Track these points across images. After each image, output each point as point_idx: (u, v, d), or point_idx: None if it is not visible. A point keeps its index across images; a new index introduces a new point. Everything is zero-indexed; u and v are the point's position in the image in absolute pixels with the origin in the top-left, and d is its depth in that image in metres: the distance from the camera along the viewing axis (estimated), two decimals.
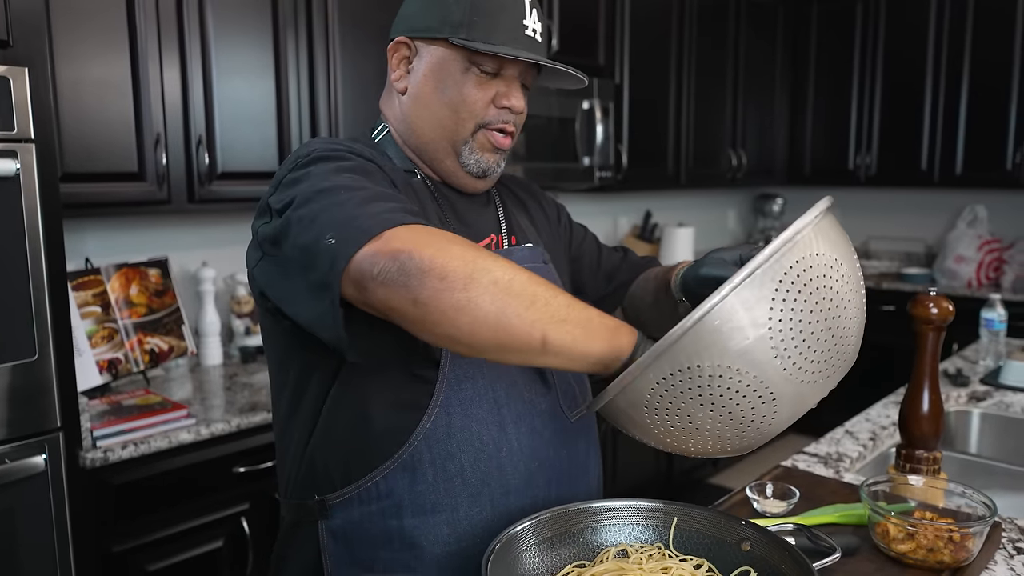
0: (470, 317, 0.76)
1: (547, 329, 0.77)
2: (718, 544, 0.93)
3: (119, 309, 2.07)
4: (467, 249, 0.78)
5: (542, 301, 0.77)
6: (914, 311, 1.33)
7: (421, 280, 0.75)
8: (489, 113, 1.03)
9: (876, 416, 1.87)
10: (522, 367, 1.02)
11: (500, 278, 0.76)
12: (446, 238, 0.79)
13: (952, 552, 1.08)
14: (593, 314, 0.81)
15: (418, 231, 0.79)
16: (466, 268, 0.76)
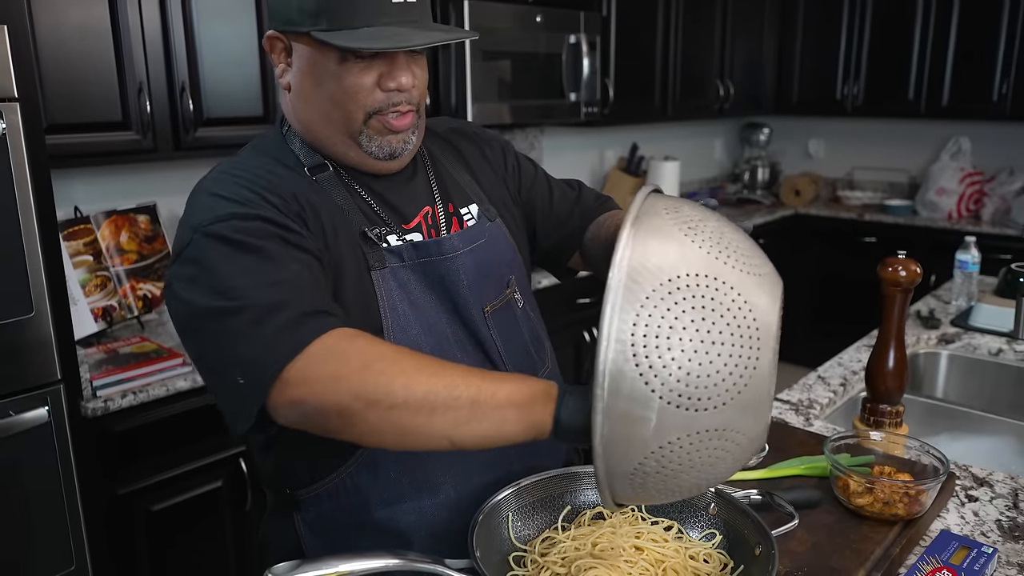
0: (378, 440, 0.80)
1: (452, 435, 0.77)
2: (687, 507, 1.00)
3: (110, 257, 2.10)
4: (360, 375, 0.77)
5: (441, 408, 0.76)
6: (882, 273, 1.38)
7: (325, 419, 0.79)
8: (376, 98, 0.96)
9: (848, 361, 1.94)
10: (468, 353, 1.05)
11: (396, 400, 0.76)
12: (340, 365, 0.78)
13: (906, 505, 1.16)
14: (502, 398, 0.76)
15: (312, 363, 0.79)
16: (359, 402, 0.77)
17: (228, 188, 0.93)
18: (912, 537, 1.15)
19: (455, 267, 1.04)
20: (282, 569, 0.79)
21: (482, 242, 1.08)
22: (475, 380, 0.77)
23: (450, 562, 0.84)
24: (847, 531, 1.15)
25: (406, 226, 1.04)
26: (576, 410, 0.75)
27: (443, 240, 1.04)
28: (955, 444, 1.73)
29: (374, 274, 0.98)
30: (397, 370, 0.78)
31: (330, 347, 0.80)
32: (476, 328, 1.05)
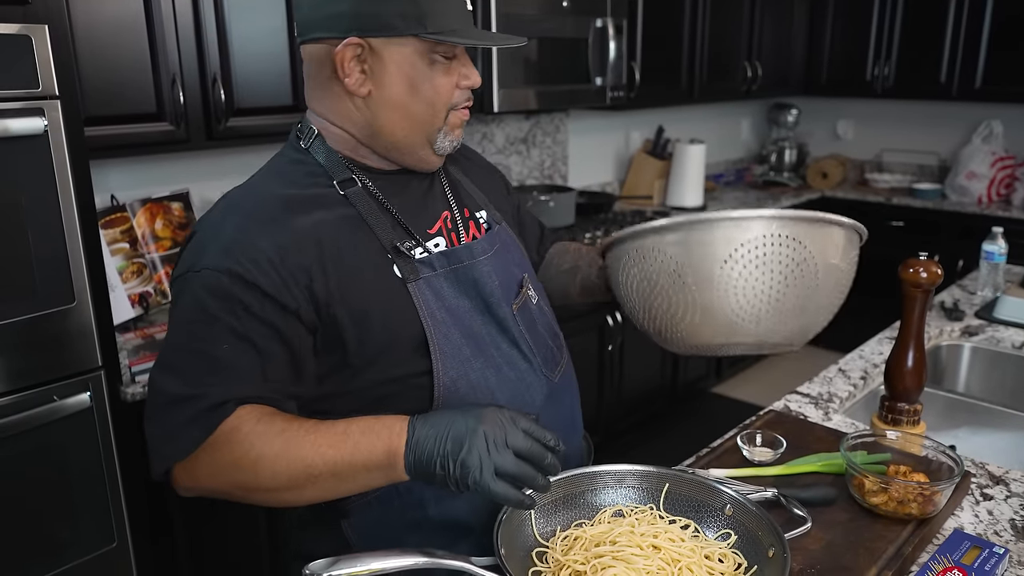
0: (257, 503, 0.98)
1: (327, 497, 0.96)
2: (704, 507, 1.04)
3: (146, 244, 2.16)
4: (232, 471, 0.91)
5: (309, 484, 0.91)
6: (903, 274, 1.39)
7: (210, 495, 0.95)
8: (456, 96, 1.04)
9: (870, 353, 1.96)
10: (503, 351, 1.09)
11: (268, 486, 0.92)
12: (217, 464, 0.91)
13: (920, 505, 1.19)
14: (358, 464, 0.91)
15: (196, 464, 0.92)
16: (240, 490, 0.93)
17: (240, 232, 0.95)
18: (925, 536, 1.18)
19: (487, 270, 1.08)
20: (319, 566, 0.84)
21: (499, 246, 1.14)
22: (330, 454, 0.90)
23: (475, 560, 0.88)
24: (861, 529, 1.18)
25: (430, 231, 1.08)
26: (422, 462, 0.89)
27: (473, 245, 1.09)
28: (974, 439, 1.74)
29: (410, 286, 1.01)
30: (263, 462, 0.90)
31: (201, 454, 0.91)
32: (507, 327, 1.09)
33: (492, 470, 0.85)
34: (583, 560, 0.93)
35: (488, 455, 0.86)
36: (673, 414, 3.59)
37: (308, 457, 0.90)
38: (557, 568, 0.95)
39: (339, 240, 0.99)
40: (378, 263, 1.01)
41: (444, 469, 0.87)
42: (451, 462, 0.86)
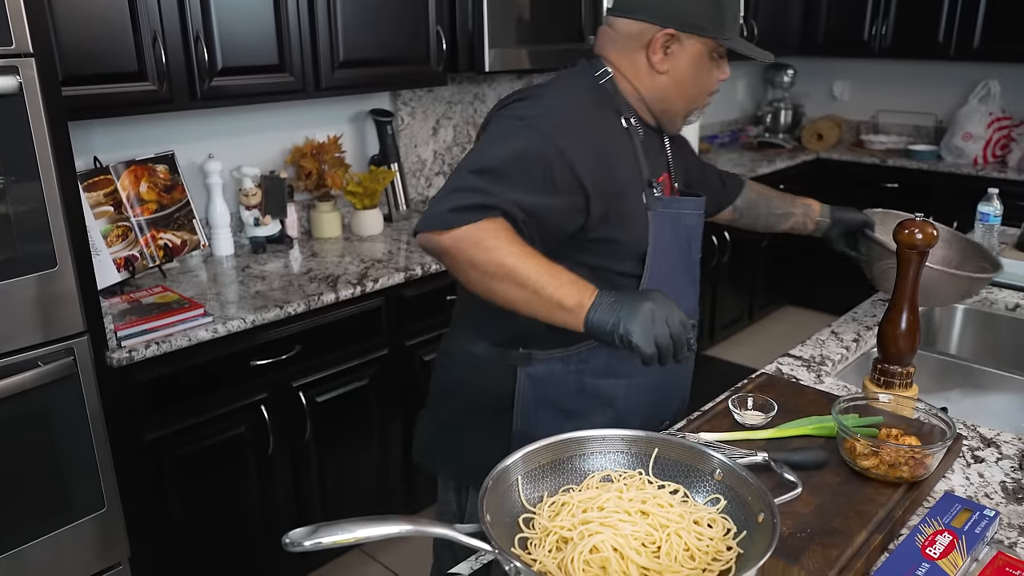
0: (465, 279, 1.16)
1: (517, 305, 1.13)
2: (693, 472, 1.03)
3: (131, 207, 2.12)
4: (466, 245, 1.12)
5: (516, 285, 1.11)
6: (898, 236, 1.37)
7: (438, 255, 1.17)
8: (715, 86, 1.35)
9: (863, 315, 1.94)
10: (684, 283, 1.41)
11: (479, 262, 1.12)
12: (460, 237, 1.12)
13: (911, 468, 1.18)
14: (555, 297, 1.10)
15: (445, 231, 1.13)
16: (458, 255, 1.13)
17: (571, 120, 1.23)
18: (916, 499, 1.18)
19: (696, 222, 1.41)
20: (299, 534, 0.83)
21: (701, 210, 1.45)
22: (545, 277, 1.10)
23: (460, 527, 0.87)
24: (851, 492, 1.17)
25: (657, 180, 1.36)
26: (599, 320, 1.09)
27: (699, 200, 1.42)
28: (966, 401, 1.74)
29: (650, 213, 1.31)
30: (497, 252, 1.10)
31: (475, 227, 1.12)
32: (694, 271, 1.44)
33: (651, 338, 1.06)
34: (570, 526, 0.92)
35: (651, 325, 1.06)
36: None
37: (528, 268, 1.10)
38: (544, 534, 0.94)
39: (620, 158, 1.29)
40: (637, 187, 1.30)
41: (614, 327, 1.07)
42: (621, 323, 1.07)
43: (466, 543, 0.86)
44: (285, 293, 2.13)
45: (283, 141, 2.67)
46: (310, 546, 0.84)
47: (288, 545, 0.84)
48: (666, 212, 1.33)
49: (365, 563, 2.50)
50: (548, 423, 1.33)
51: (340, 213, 2.70)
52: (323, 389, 2.22)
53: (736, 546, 0.93)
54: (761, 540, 0.90)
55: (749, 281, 4.04)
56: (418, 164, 3.11)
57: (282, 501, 2.19)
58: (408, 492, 2.57)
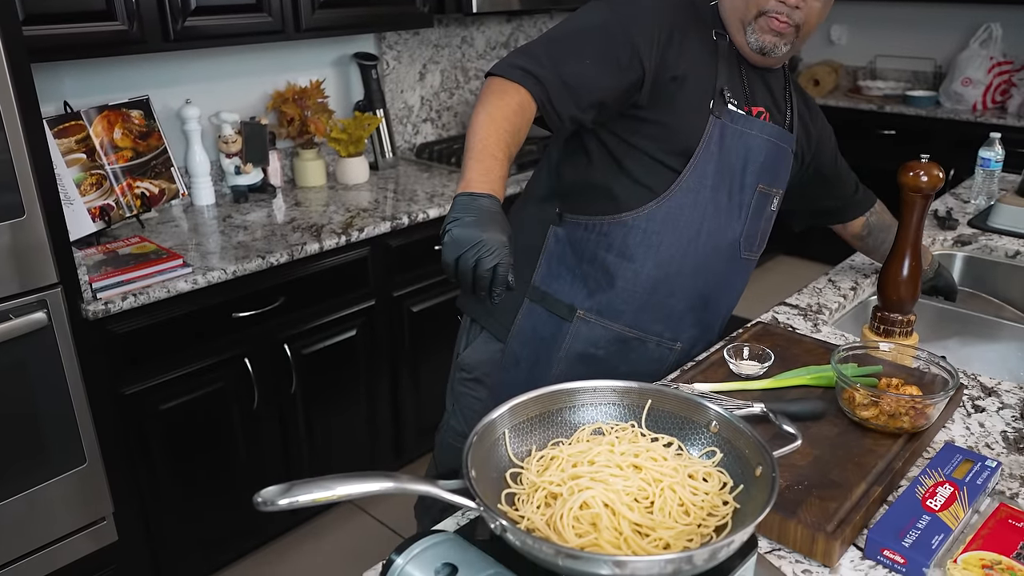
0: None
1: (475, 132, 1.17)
2: (688, 424, 0.98)
3: (105, 154, 2.04)
4: (486, 92, 1.21)
5: (471, 126, 1.18)
6: (902, 178, 1.32)
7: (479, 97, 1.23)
8: (769, 4, 1.27)
9: (860, 263, 1.90)
10: (726, 204, 1.35)
11: (478, 106, 1.20)
12: (488, 84, 1.23)
13: (912, 419, 1.15)
14: (470, 156, 1.14)
15: (495, 83, 1.22)
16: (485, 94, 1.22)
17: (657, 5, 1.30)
18: (916, 449, 1.15)
19: (760, 145, 1.35)
20: (272, 493, 0.79)
21: (784, 147, 1.39)
22: (476, 149, 1.14)
23: (443, 483, 0.83)
24: (850, 444, 1.14)
25: (746, 108, 1.34)
26: (454, 206, 1.10)
27: (766, 125, 1.36)
28: (964, 349, 1.70)
29: (711, 118, 1.30)
30: (488, 112, 1.18)
31: (496, 90, 1.21)
32: (743, 198, 1.36)
33: (453, 257, 1.03)
34: (559, 481, 0.88)
35: (460, 248, 1.02)
36: None
37: (479, 134, 1.15)
38: (532, 490, 0.90)
39: (693, 55, 1.30)
40: (704, 88, 1.31)
41: (449, 222, 1.05)
42: (452, 225, 1.05)
43: (449, 500, 0.82)
44: (268, 243, 2.07)
45: (264, 86, 2.57)
46: (285, 505, 0.79)
47: (261, 504, 0.79)
48: (730, 125, 1.32)
49: (356, 516, 2.48)
50: (562, 282, 1.40)
51: (324, 161, 2.62)
52: (309, 341, 2.17)
53: (733, 501, 0.89)
54: (759, 495, 0.86)
55: None
56: (404, 110, 3.02)
57: (269, 456, 2.16)
58: (397, 445, 2.55)
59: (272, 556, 2.31)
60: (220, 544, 2.14)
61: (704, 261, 1.36)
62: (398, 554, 0.86)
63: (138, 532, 1.91)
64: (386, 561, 0.86)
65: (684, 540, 0.84)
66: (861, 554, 0.98)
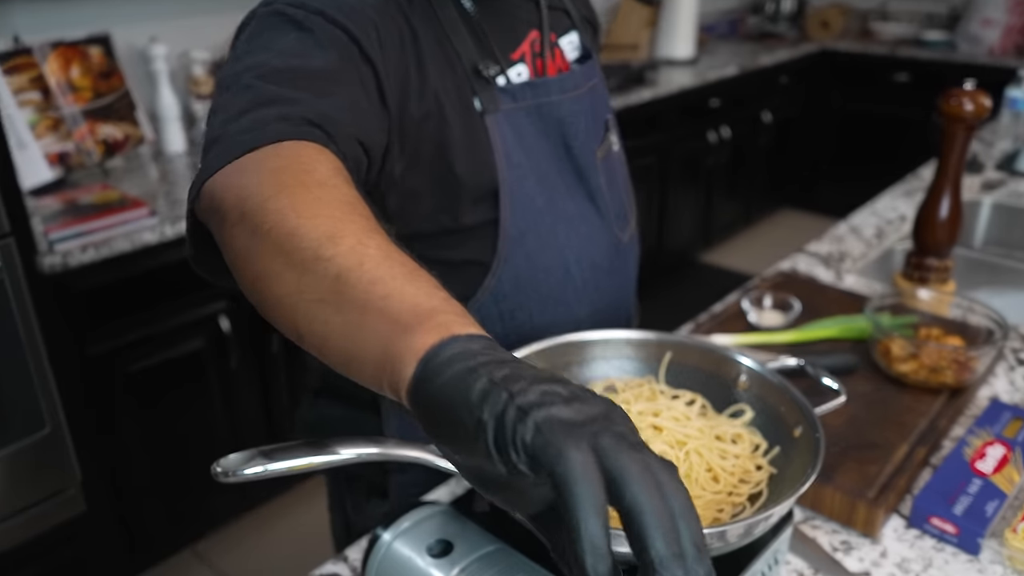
0: (233, 266, 0.60)
1: (296, 311, 0.53)
2: (713, 380, 0.86)
3: (62, 95, 1.88)
4: (262, 187, 0.57)
5: (300, 263, 0.52)
6: (944, 107, 1.18)
7: (209, 217, 0.61)
8: None
9: (883, 209, 1.76)
10: (578, 204, 0.95)
11: (264, 223, 0.55)
12: (258, 173, 0.59)
13: (955, 373, 1.02)
14: (391, 296, 0.48)
15: (241, 166, 0.61)
16: (235, 212, 0.57)
17: None
18: (958, 407, 1.02)
19: (575, 109, 0.93)
20: (234, 462, 0.65)
21: (595, 81, 0.98)
22: (373, 253, 0.51)
23: (435, 448, 0.70)
24: (887, 401, 1.02)
25: (512, 55, 0.89)
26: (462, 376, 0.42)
27: (565, 78, 0.93)
28: (995, 300, 1.58)
29: (488, 119, 0.85)
30: (299, 199, 0.55)
31: (265, 154, 0.62)
32: (588, 176, 0.96)
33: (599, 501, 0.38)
34: None
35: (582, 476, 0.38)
36: (660, 283, 3.44)
37: (351, 231, 0.53)
38: None
39: (420, 43, 0.81)
40: (461, 81, 0.83)
41: (504, 411, 0.38)
42: (531, 422, 0.38)
43: (442, 467, 0.69)
44: None
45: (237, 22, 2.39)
46: (251, 475, 0.66)
47: (220, 475, 0.66)
48: (518, 109, 0.87)
49: None
50: None
51: None
52: None
53: (767, 465, 0.77)
54: (798, 459, 0.74)
55: (747, 182, 3.84)
56: None
57: (251, 419, 2.04)
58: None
59: (255, 524, 2.20)
60: (197, 514, 2.03)
61: (587, 285, 0.97)
62: (384, 528, 0.74)
63: (108, 502, 1.79)
64: (372, 536, 0.74)
65: (714, 510, 0.72)
66: (906, 523, 0.87)
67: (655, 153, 3.16)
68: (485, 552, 0.70)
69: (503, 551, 0.70)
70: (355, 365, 0.49)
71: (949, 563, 0.81)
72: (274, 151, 0.61)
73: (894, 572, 0.80)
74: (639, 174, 3.10)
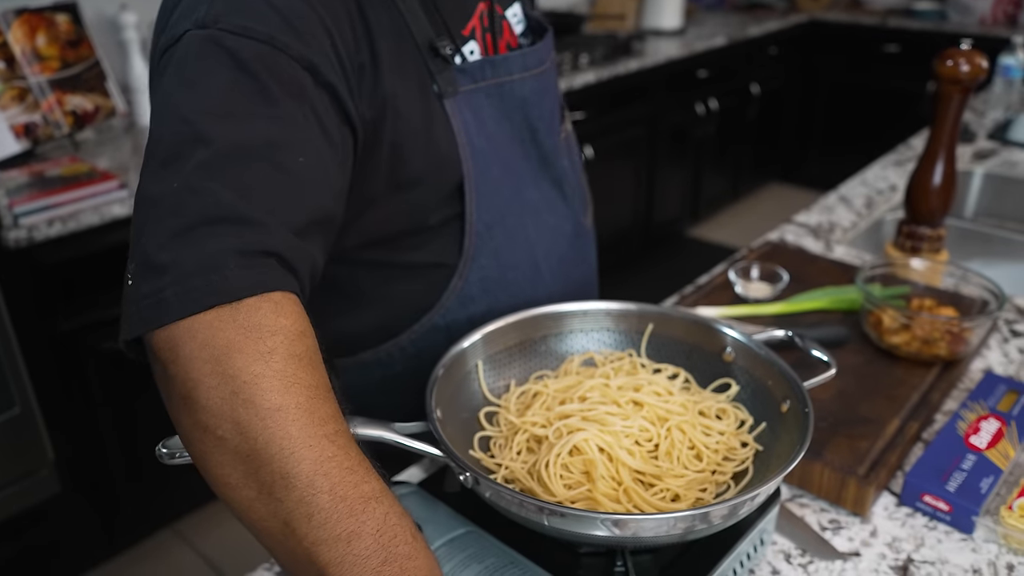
0: (204, 471, 0.55)
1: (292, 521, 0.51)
2: (697, 353, 0.82)
3: (27, 64, 1.81)
4: (227, 372, 0.51)
5: (288, 486, 0.50)
6: (939, 69, 1.13)
7: (170, 400, 0.55)
8: None
9: (873, 179, 1.73)
10: (544, 192, 0.89)
11: (257, 447, 0.51)
12: (213, 353, 0.52)
13: (949, 344, 0.99)
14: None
15: (180, 337, 0.53)
16: (222, 421, 0.51)
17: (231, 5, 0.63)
18: (951, 380, 0.99)
19: (537, 87, 0.86)
20: (177, 443, 0.62)
21: (553, 55, 0.92)
22: (323, 503, 0.50)
23: (400, 426, 0.66)
24: (878, 374, 0.99)
25: (463, 31, 0.80)
26: None
27: (527, 55, 0.84)
28: (988, 271, 1.54)
29: (447, 103, 0.77)
30: (255, 408, 0.51)
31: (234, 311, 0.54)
32: (551, 161, 0.90)
33: None
34: (544, 422, 0.72)
35: None
36: (647, 257, 3.40)
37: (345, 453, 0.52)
38: (511, 432, 0.73)
39: (373, 32, 0.71)
40: (416, 63, 0.74)
41: None
42: None
43: (406, 446, 0.65)
44: None
45: None
46: None
47: (165, 456, 0.62)
48: (477, 90, 0.80)
49: None
50: None
51: None
52: None
53: (753, 442, 0.73)
54: (786, 435, 0.71)
55: (735, 155, 3.79)
56: None
57: None
58: None
59: None
60: (176, 493, 1.99)
61: (555, 279, 0.92)
62: None
63: (83, 483, 1.75)
64: None
65: (696, 490, 0.69)
66: (897, 500, 0.84)
67: (642, 125, 3.11)
68: (455, 535, 0.67)
69: (473, 534, 0.67)
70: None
71: (942, 542, 0.78)
72: (231, 315, 0.53)
73: (884, 552, 0.77)
74: (626, 146, 3.05)
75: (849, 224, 1.50)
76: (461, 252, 0.82)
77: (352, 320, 0.85)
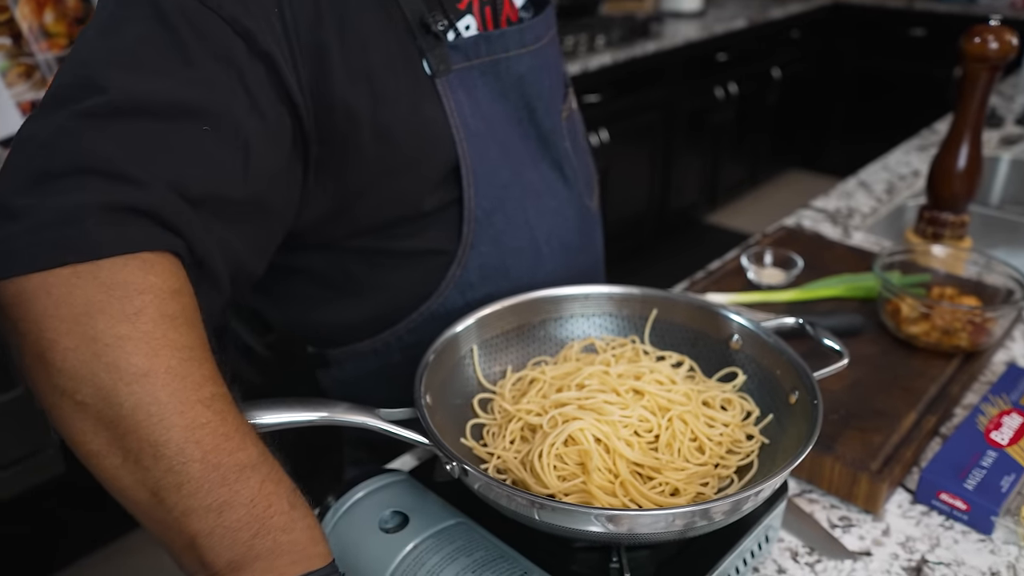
0: (60, 430, 0.50)
1: (131, 483, 0.48)
2: (702, 340, 0.78)
3: (35, 41, 1.79)
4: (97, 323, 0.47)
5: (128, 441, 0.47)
6: (966, 46, 1.08)
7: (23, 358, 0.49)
8: None
9: (895, 164, 1.67)
10: (543, 174, 0.85)
11: (116, 399, 0.47)
12: (71, 311, 0.48)
13: (971, 335, 0.95)
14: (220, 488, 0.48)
15: (35, 291, 0.48)
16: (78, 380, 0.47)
17: None
18: (972, 372, 0.95)
19: (536, 64, 0.81)
20: None
21: (554, 31, 0.87)
22: (194, 471, 0.47)
23: (386, 412, 0.63)
24: (895, 365, 0.94)
25: (459, 5, 0.76)
26: None
27: (524, 29, 0.80)
28: (1013, 260, 1.49)
29: (439, 82, 0.73)
30: (120, 369, 0.47)
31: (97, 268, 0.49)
32: (552, 142, 0.86)
33: None
34: (539, 410, 0.69)
35: None
36: (662, 244, 3.35)
37: (217, 415, 0.50)
38: (505, 420, 0.70)
39: (354, 13, 0.66)
40: (401, 40, 0.70)
41: None
42: None
43: (392, 433, 0.62)
44: None
45: None
46: None
47: None
48: (471, 68, 0.76)
49: None
50: None
51: None
52: None
53: (759, 435, 0.70)
54: (793, 427, 0.67)
55: (754, 141, 3.72)
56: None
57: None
58: None
59: None
60: None
61: (557, 266, 0.89)
62: (336, 497, 0.68)
63: None
64: (322, 507, 0.68)
65: (697, 484, 0.65)
66: (912, 498, 0.80)
67: (659, 109, 3.05)
68: (443, 527, 0.64)
69: (463, 526, 0.64)
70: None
71: (959, 542, 0.74)
72: (91, 272, 0.48)
73: (897, 551, 0.73)
74: (642, 130, 3.00)
75: (869, 210, 1.45)
76: (459, 238, 0.79)
77: (349, 310, 0.83)
